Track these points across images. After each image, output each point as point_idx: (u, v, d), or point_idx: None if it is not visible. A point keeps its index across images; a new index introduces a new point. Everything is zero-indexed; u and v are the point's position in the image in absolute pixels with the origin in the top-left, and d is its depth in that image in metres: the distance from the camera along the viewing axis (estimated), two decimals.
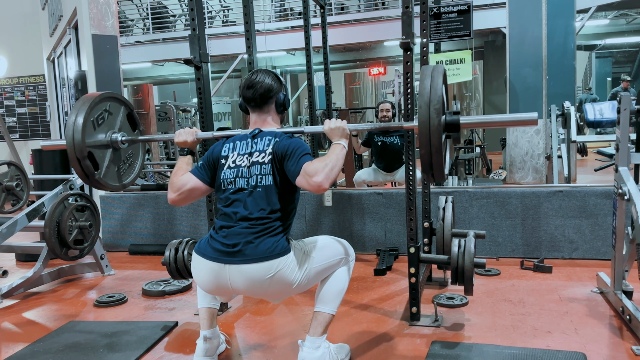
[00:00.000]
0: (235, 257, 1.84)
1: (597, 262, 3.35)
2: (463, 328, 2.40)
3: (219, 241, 1.89)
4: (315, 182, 1.77)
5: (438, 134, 1.79)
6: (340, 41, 9.96)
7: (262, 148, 1.95)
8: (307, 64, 3.99)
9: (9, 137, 5.52)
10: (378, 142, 4.84)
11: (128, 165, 2.53)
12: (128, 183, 2.53)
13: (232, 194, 1.94)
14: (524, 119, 1.94)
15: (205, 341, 2.10)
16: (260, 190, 1.91)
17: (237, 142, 2.02)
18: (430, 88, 1.80)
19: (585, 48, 14.28)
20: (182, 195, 2.04)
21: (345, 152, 1.93)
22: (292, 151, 1.89)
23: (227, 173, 1.98)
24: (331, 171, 1.80)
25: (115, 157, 2.43)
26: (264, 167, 1.92)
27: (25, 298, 3.20)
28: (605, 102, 5.34)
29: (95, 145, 2.29)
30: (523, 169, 5.82)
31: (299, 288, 1.93)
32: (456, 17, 5.04)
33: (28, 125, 8.63)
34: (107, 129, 2.36)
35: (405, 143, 2.57)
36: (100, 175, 2.32)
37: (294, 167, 1.86)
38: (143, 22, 11.89)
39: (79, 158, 2.22)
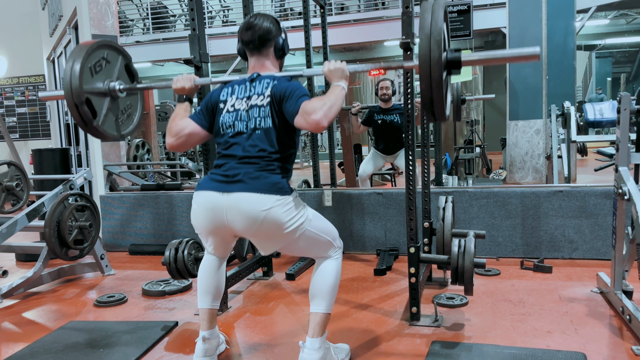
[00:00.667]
0: (234, 185, 1.85)
1: (597, 262, 3.35)
2: (463, 328, 2.40)
3: (218, 174, 1.91)
4: (313, 120, 1.76)
5: (439, 67, 1.74)
6: (340, 41, 9.96)
7: (261, 91, 1.94)
8: (307, 64, 3.98)
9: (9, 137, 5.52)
10: (378, 121, 4.86)
11: (127, 116, 2.49)
12: (127, 134, 2.49)
13: (231, 138, 1.94)
14: (525, 54, 1.85)
15: (204, 341, 2.10)
16: (259, 133, 1.90)
17: (235, 86, 2.01)
18: (431, 21, 1.75)
19: (585, 48, 14.29)
20: (181, 139, 2.03)
21: (345, 93, 1.89)
22: (291, 92, 1.87)
23: (225, 117, 1.97)
24: (330, 109, 1.78)
25: (114, 106, 2.38)
26: (262, 109, 1.91)
27: (25, 298, 3.21)
28: (605, 102, 5.35)
29: (93, 92, 2.25)
30: (523, 169, 5.82)
31: (287, 239, 1.90)
32: (456, 17, 5.04)
33: (28, 125, 8.64)
34: (104, 77, 2.33)
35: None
36: (99, 122, 2.27)
37: (292, 108, 1.84)
38: (143, 22, 11.90)
39: (76, 104, 2.17)
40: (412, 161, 2.49)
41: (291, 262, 3.57)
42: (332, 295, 1.99)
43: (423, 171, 3.23)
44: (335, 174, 4.31)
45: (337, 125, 8.50)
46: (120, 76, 2.41)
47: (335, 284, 2.00)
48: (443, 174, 5.17)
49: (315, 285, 1.99)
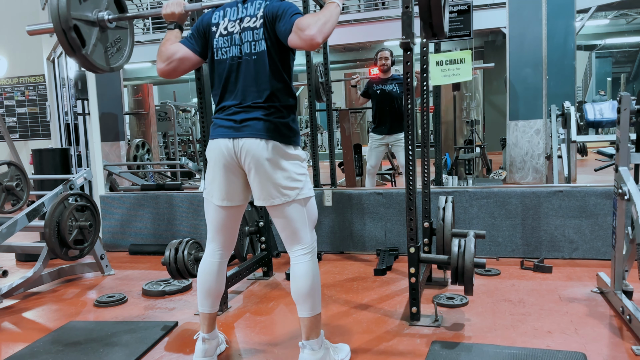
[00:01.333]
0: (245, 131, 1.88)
1: (597, 262, 3.35)
2: (463, 328, 2.40)
3: (226, 119, 1.92)
4: (307, 35, 1.71)
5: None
6: (340, 41, 9.96)
7: (253, 12, 1.90)
8: (307, 64, 3.99)
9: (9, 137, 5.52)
10: (377, 91, 4.88)
11: (116, 50, 2.46)
12: (117, 67, 2.46)
13: (228, 69, 1.93)
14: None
15: (204, 342, 2.10)
16: (255, 58, 1.89)
17: (227, 9, 1.97)
18: None
19: (585, 48, 14.29)
20: (172, 64, 1.99)
21: (339, 10, 1.82)
22: (283, 11, 1.84)
23: (219, 41, 1.95)
24: (324, 25, 1.72)
25: (103, 37, 2.35)
26: (256, 32, 1.89)
27: (25, 298, 3.20)
28: (605, 102, 5.34)
29: (81, 19, 2.22)
30: (523, 169, 5.82)
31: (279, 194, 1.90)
32: (456, 17, 5.03)
33: (28, 125, 8.63)
34: (93, 6, 2.31)
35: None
36: (88, 51, 2.24)
37: (285, 26, 1.80)
38: (143, 22, 11.89)
39: (64, 29, 2.15)
40: (412, 157, 2.49)
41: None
42: (314, 297, 1.96)
43: (423, 171, 3.22)
44: (335, 174, 4.31)
45: (337, 125, 8.50)
46: (109, 7, 2.39)
47: (314, 285, 1.96)
48: (443, 174, 5.17)
49: (296, 291, 1.97)
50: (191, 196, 4.30)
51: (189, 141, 10.59)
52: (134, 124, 9.00)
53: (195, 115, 10.71)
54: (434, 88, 4.52)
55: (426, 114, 3.38)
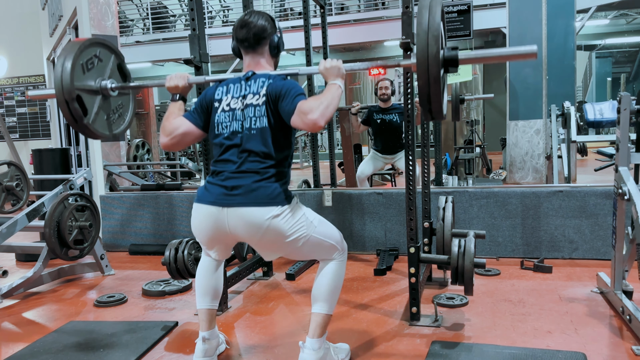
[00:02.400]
0: (233, 199, 1.84)
1: (597, 262, 3.35)
2: (463, 328, 2.40)
3: (216, 184, 1.89)
4: (310, 120, 1.74)
5: (436, 63, 1.73)
6: (340, 41, 9.96)
7: (256, 90, 1.92)
8: (307, 64, 3.99)
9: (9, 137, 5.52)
10: (377, 120, 4.87)
11: (118, 116, 2.47)
12: (118, 133, 2.47)
13: (226, 139, 1.93)
14: (522, 52, 1.83)
15: (204, 342, 2.09)
16: (254, 133, 1.89)
17: (230, 85, 1.99)
18: (429, 16, 1.75)
19: (585, 48, 14.29)
20: (175, 139, 2.01)
21: (341, 92, 1.86)
22: (287, 91, 1.86)
23: (221, 116, 1.96)
24: (326, 109, 1.76)
25: (105, 105, 2.36)
26: (258, 109, 1.90)
27: (25, 298, 3.21)
28: (605, 102, 5.34)
29: (84, 89, 2.23)
30: (523, 169, 5.82)
31: (290, 246, 1.90)
32: (456, 17, 5.04)
33: (28, 125, 8.64)
34: (96, 75, 2.31)
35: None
36: (89, 120, 2.25)
37: (288, 107, 1.83)
38: (143, 22, 11.90)
39: (67, 100, 2.16)
40: (412, 161, 2.49)
41: (291, 262, 3.57)
42: (334, 296, 2.00)
43: (423, 171, 3.23)
44: (335, 174, 4.31)
45: (337, 125, 8.50)
46: (113, 75, 2.40)
47: (338, 285, 2.00)
48: (443, 174, 5.18)
49: (319, 287, 1.99)
50: (191, 196, 4.29)
51: None
52: (134, 124, 9.00)
53: None
54: None
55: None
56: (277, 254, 2.04)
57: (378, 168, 5.06)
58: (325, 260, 2.02)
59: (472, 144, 6.50)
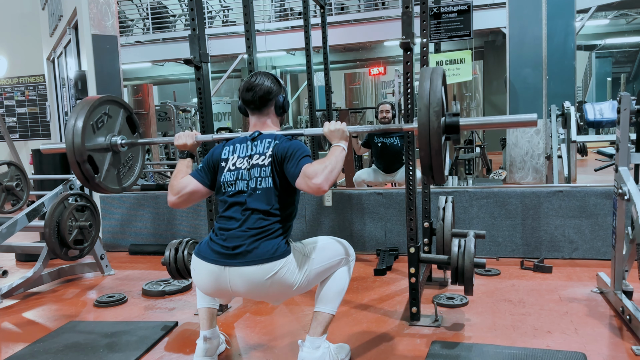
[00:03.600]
0: (235, 260, 1.85)
1: (597, 262, 3.35)
2: (463, 328, 2.40)
3: (218, 244, 1.89)
4: (314, 184, 1.78)
5: (437, 136, 1.78)
6: (340, 41, 9.95)
7: (262, 150, 1.95)
8: (307, 64, 3.99)
9: (9, 137, 5.52)
10: (378, 144, 4.84)
11: (128, 168, 2.53)
12: (128, 186, 2.52)
13: (232, 197, 1.94)
14: (523, 120, 1.92)
15: (205, 341, 2.10)
16: (259, 193, 1.91)
17: (237, 145, 2.03)
18: (430, 90, 1.80)
19: (585, 48, 14.28)
20: (182, 198, 2.05)
21: (345, 154, 1.94)
22: (292, 153, 1.89)
23: (227, 176, 1.98)
24: (330, 173, 1.81)
25: (115, 160, 2.42)
26: (263, 169, 1.93)
27: (25, 298, 3.20)
28: (605, 102, 5.34)
29: (95, 149, 2.29)
30: (523, 169, 5.82)
31: (299, 290, 1.93)
32: (456, 17, 5.04)
33: (28, 125, 8.64)
34: (106, 132, 2.36)
35: (405, 144, 2.58)
36: (101, 178, 2.31)
37: (293, 169, 1.86)
38: (143, 22, 11.89)
39: (79, 162, 2.22)
40: (412, 167, 2.49)
41: None
42: (339, 297, 2.02)
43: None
44: None
45: None
46: (122, 129, 2.45)
47: (344, 287, 2.03)
48: None
49: (325, 287, 2.01)
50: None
51: None
52: None
53: (195, 115, 10.70)
54: None
55: None
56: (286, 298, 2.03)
57: (377, 181, 5.03)
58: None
59: (472, 144, 6.49)
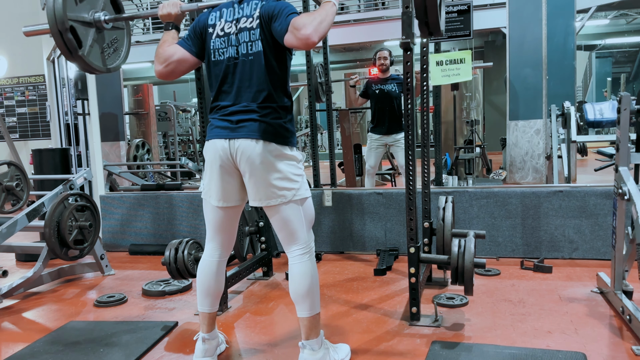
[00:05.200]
0: (240, 132, 1.89)
1: (597, 262, 3.35)
2: (463, 328, 2.40)
3: (222, 119, 1.93)
4: (303, 35, 1.72)
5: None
6: (340, 41, 9.95)
7: (249, 13, 1.91)
8: (307, 64, 3.99)
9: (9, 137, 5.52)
10: (376, 90, 4.89)
11: (113, 50, 2.46)
12: (113, 68, 2.46)
13: (225, 69, 1.93)
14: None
15: (204, 342, 2.10)
16: (252, 59, 1.89)
17: (223, 10, 1.98)
18: None
19: (585, 48, 14.29)
20: (170, 66, 2.00)
21: (336, 10, 1.84)
22: (279, 11, 1.85)
23: (216, 42, 1.95)
24: (320, 24, 1.73)
25: (99, 37, 2.35)
26: (252, 32, 1.89)
27: (25, 298, 3.20)
28: (605, 102, 5.34)
29: (77, 19, 2.22)
30: (523, 169, 5.81)
31: (275, 194, 1.91)
32: (456, 17, 5.03)
33: (28, 125, 8.63)
34: (89, 7, 2.30)
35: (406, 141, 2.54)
36: (84, 52, 2.24)
37: (281, 26, 1.81)
38: (143, 22, 11.90)
39: (60, 31, 2.15)
40: (412, 157, 2.49)
41: None
42: (312, 296, 1.96)
43: (423, 171, 3.22)
44: (335, 174, 4.31)
45: (337, 125, 8.49)
46: (106, 7, 2.38)
47: (312, 285, 1.96)
48: (443, 174, 5.17)
49: (294, 291, 1.96)
50: (191, 196, 4.30)
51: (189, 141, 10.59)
52: (134, 124, 9.00)
53: (195, 115, 10.71)
54: (434, 88, 4.52)
55: (426, 114, 3.38)
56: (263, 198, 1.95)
57: (381, 154, 5.07)
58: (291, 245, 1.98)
59: (472, 144, 6.50)
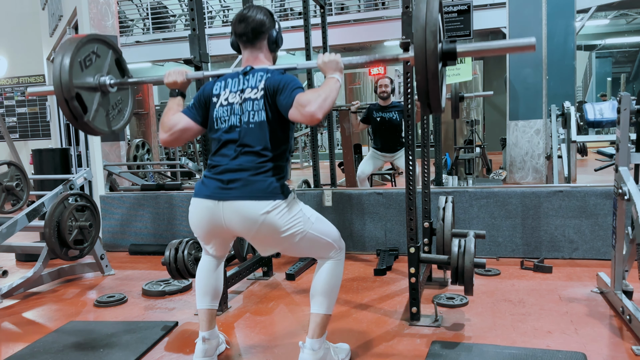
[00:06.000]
0: (229, 193, 1.85)
1: (597, 262, 3.35)
2: (463, 328, 2.40)
3: (213, 178, 1.89)
4: (307, 112, 1.74)
5: (434, 58, 1.73)
6: (340, 41, 9.96)
7: (254, 84, 1.92)
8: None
9: (9, 137, 5.52)
10: (377, 118, 4.88)
11: (117, 112, 2.47)
12: (118, 129, 2.47)
13: (225, 133, 1.93)
14: (521, 44, 1.82)
15: (204, 342, 2.10)
16: (252, 127, 1.89)
17: (228, 80, 1.99)
18: (426, 11, 1.74)
19: (585, 48, 14.29)
20: (174, 135, 2.01)
21: (339, 85, 1.86)
22: (285, 85, 1.86)
23: (219, 111, 1.96)
24: (324, 101, 1.75)
25: (104, 101, 2.36)
26: (256, 103, 1.90)
27: (25, 298, 3.20)
28: (605, 102, 5.34)
29: (83, 86, 2.23)
30: (523, 169, 5.82)
31: (285, 242, 1.90)
32: (456, 17, 5.03)
33: (28, 125, 8.64)
34: (94, 72, 2.30)
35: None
36: (89, 118, 2.25)
37: (286, 100, 1.83)
38: (143, 22, 11.90)
39: (66, 99, 2.15)
40: (412, 161, 2.49)
41: (291, 262, 3.57)
42: (332, 296, 1.99)
43: (423, 171, 3.23)
44: (335, 174, 4.31)
45: (337, 125, 8.50)
46: (111, 71, 2.39)
47: (336, 285, 2.00)
48: (443, 174, 5.17)
49: (316, 286, 1.98)
50: (191, 196, 4.28)
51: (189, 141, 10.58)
52: (134, 124, 9.00)
53: None
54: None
55: (426, 115, 3.39)
56: (274, 249, 2.03)
57: (378, 167, 5.07)
58: (323, 258, 2.01)
59: (472, 144, 6.50)
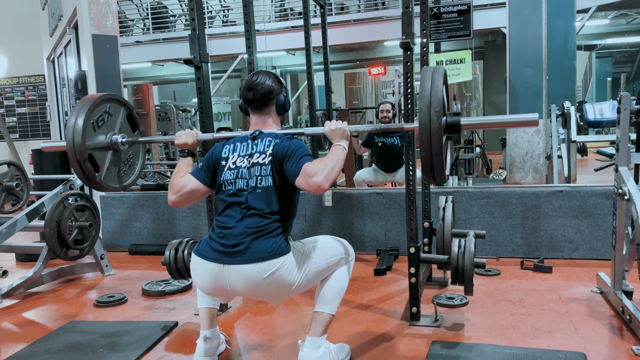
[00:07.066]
0: (234, 258, 1.85)
1: (597, 262, 3.35)
2: (463, 328, 2.40)
3: (217, 242, 1.89)
4: (314, 183, 1.78)
5: (439, 136, 1.78)
6: (340, 41, 9.95)
7: (262, 149, 1.95)
8: (307, 64, 3.99)
9: (9, 137, 5.52)
10: (378, 143, 4.84)
11: (129, 167, 2.53)
12: (128, 184, 2.53)
13: (231, 196, 1.94)
14: (524, 120, 1.92)
15: (205, 341, 2.10)
16: (259, 192, 1.91)
17: (237, 144, 2.03)
18: (431, 90, 1.80)
19: (585, 48, 14.28)
20: (183, 197, 2.05)
21: (346, 153, 1.94)
22: (292, 152, 1.89)
23: (227, 174, 1.98)
24: (331, 172, 1.81)
25: (116, 158, 2.42)
26: (264, 168, 1.93)
27: (25, 298, 3.20)
28: (605, 102, 5.34)
29: (95, 147, 2.29)
30: (523, 169, 5.82)
31: (298, 289, 1.93)
32: (456, 17, 5.04)
33: (28, 125, 8.63)
34: (107, 130, 2.36)
35: (406, 143, 2.57)
36: (101, 177, 2.32)
37: (293, 168, 1.86)
38: (143, 22, 11.89)
39: (79, 160, 2.22)
40: (412, 162, 2.49)
41: None
42: (339, 297, 2.02)
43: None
44: None
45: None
46: (123, 128, 2.44)
47: (344, 287, 2.03)
48: None
49: (325, 287, 2.00)
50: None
51: None
52: None
53: (195, 115, 10.70)
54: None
55: None
56: (286, 298, 2.03)
57: (376, 181, 5.02)
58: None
59: (472, 144, 6.50)
